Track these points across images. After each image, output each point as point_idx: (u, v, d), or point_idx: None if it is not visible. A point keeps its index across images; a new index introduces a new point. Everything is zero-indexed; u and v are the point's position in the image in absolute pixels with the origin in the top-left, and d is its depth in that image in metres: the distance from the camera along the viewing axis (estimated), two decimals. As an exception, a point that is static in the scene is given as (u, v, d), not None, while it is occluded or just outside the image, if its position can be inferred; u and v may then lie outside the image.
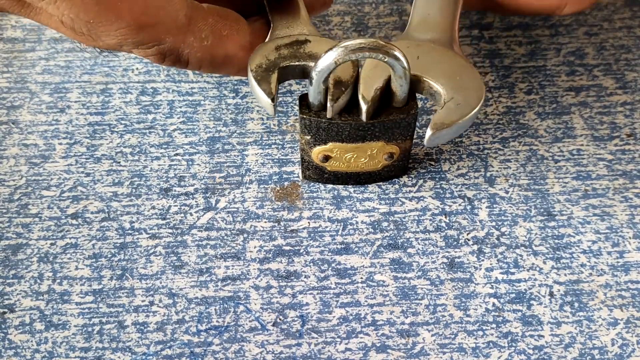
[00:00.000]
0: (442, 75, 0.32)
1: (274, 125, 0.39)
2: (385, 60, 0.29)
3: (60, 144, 0.39)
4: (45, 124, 0.40)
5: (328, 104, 0.31)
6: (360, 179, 0.36)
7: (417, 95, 0.33)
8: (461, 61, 0.33)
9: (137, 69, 0.42)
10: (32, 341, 0.32)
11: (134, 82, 0.42)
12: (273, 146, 0.39)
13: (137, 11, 0.29)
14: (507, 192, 0.37)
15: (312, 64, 0.32)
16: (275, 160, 0.38)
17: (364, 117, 0.32)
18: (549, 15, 0.37)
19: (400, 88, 0.32)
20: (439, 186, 0.37)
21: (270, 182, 0.37)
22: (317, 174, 0.36)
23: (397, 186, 0.37)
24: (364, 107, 0.31)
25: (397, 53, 0.30)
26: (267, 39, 0.34)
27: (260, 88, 0.31)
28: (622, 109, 0.40)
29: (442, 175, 0.37)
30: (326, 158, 0.35)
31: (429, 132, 0.31)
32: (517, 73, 0.42)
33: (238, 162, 0.38)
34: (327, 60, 0.29)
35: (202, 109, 0.40)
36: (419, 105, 0.41)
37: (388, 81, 0.32)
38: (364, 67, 0.32)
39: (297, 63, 0.33)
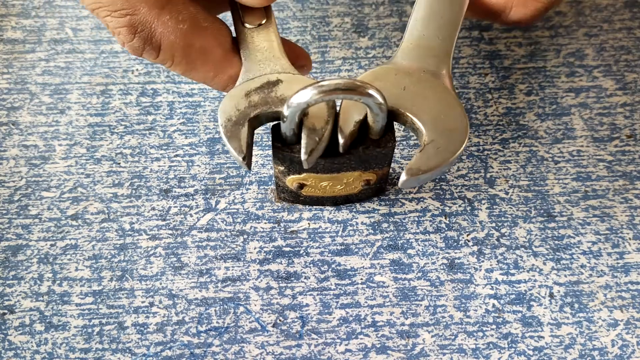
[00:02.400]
0: (425, 112, 0.30)
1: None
2: (361, 100, 0.28)
3: (60, 145, 0.39)
4: (45, 125, 0.40)
5: (302, 157, 0.30)
6: (336, 200, 0.36)
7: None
8: (449, 97, 0.31)
9: (137, 70, 0.42)
10: (32, 342, 0.32)
11: (134, 83, 0.42)
12: (273, 147, 0.39)
13: None
14: (507, 193, 0.37)
15: (283, 109, 0.30)
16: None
17: (340, 149, 0.30)
18: (494, 19, 0.35)
19: (376, 123, 0.30)
20: (439, 187, 0.37)
21: (270, 183, 0.37)
22: (292, 197, 0.36)
23: (397, 187, 0.37)
24: (341, 140, 0.30)
25: (372, 92, 0.28)
26: (238, 80, 0.32)
27: (230, 146, 0.29)
28: (622, 110, 0.40)
29: (442, 176, 0.37)
30: (301, 186, 0.34)
31: (403, 177, 0.29)
32: (517, 74, 0.42)
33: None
34: (298, 99, 0.28)
35: (202, 110, 0.40)
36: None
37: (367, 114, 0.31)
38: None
39: (268, 110, 0.30)
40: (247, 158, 0.29)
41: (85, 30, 0.44)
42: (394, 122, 0.32)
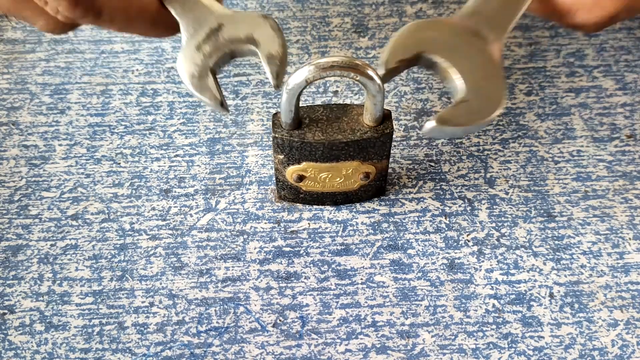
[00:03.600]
0: (470, 72, 0.31)
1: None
2: (358, 79, 0.29)
3: (60, 145, 0.39)
4: (46, 125, 0.40)
5: (272, 82, 0.30)
6: (336, 199, 0.36)
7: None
8: (494, 67, 0.31)
9: (137, 70, 0.42)
10: (32, 342, 0.32)
11: (134, 83, 0.42)
12: (273, 147, 0.39)
13: None
14: (507, 193, 0.37)
15: (237, 46, 0.31)
16: (273, 164, 0.38)
17: (382, 69, 0.30)
18: (558, 20, 0.35)
19: (374, 107, 0.31)
20: (439, 187, 0.37)
21: (270, 183, 0.37)
22: (292, 194, 0.36)
23: (397, 187, 0.37)
24: (382, 70, 0.30)
25: (370, 72, 0.29)
26: (182, 37, 0.32)
27: (206, 97, 0.30)
28: (622, 110, 0.40)
29: (442, 177, 0.37)
30: (300, 178, 0.34)
31: (431, 124, 0.29)
32: (517, 74, 0.42)
33: (238, 163, 0.38)
34: (298, 78, 0.29)
35: (202, 110, 0.40)
36: (409, 119, 0.41)
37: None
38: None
39: (222, 55, 0.31)
40: (224, 101, 0.30)
41: (85, 30, 0.44)
42: (398, 117, 0.32)
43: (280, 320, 0.33)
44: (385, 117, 0.32)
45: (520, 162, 0.38)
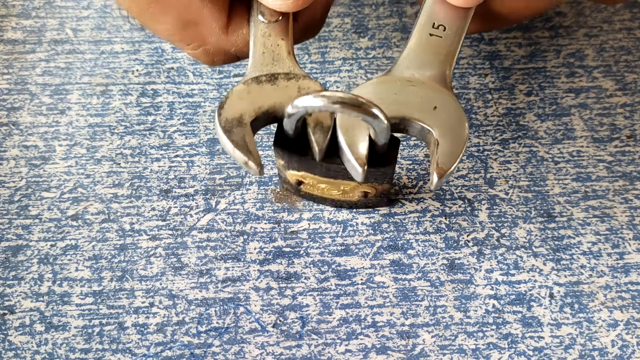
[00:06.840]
0: (433, 117, 0.30)
1: (274, 126, 0.39)
2: (361, 118, 0.27)
3: (60, 145, 0.39)
4: (46, 125, 0.40)
5: (316, 149, 0.29)
6: (335, 203, 0.36)
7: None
8: (447, 96, 0.30)
9: (137, 70, 0.42)
10: (32, 342, 0.32)
11: (134, 83, 0.42)
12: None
13: (181, 7, 0.30)
14: (507, 194, 0.37)
15: (288, 108, 0.29)
16: (275, 162, 0.38)
17: (360, 178, 0.29)
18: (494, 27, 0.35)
19: (379, 142, 0.29)
20: (438, 188, 0.37)
21: (270, 183, 0.37)
22: (293, 189, 0.35)
23: (397, 187, 0.37)
24: (359, 169, 0.29)
25: (376, 111, 0.27)
26: (244, 77, 0.31)
27: (239, 151, 0.29)
28: (622, 110, 0.40)
29: (442, 177, 0.37)
30: (299, 183, 0.34)
31: (435, 180, 0.28)
32: (517, 74, 0.42)
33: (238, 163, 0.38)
34: (301, 103, 0.27)
35: (202, 111, 0.40)
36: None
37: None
38: (339, 117, 0.30)
39: (266, 111, 0.30)
40: (258, 163, 0.29)
41: (85, 30, 0.44)
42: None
43: (280, 320, 0.33)
44: (391, 146, 0.30)
45: (520, 162, 0.38)
